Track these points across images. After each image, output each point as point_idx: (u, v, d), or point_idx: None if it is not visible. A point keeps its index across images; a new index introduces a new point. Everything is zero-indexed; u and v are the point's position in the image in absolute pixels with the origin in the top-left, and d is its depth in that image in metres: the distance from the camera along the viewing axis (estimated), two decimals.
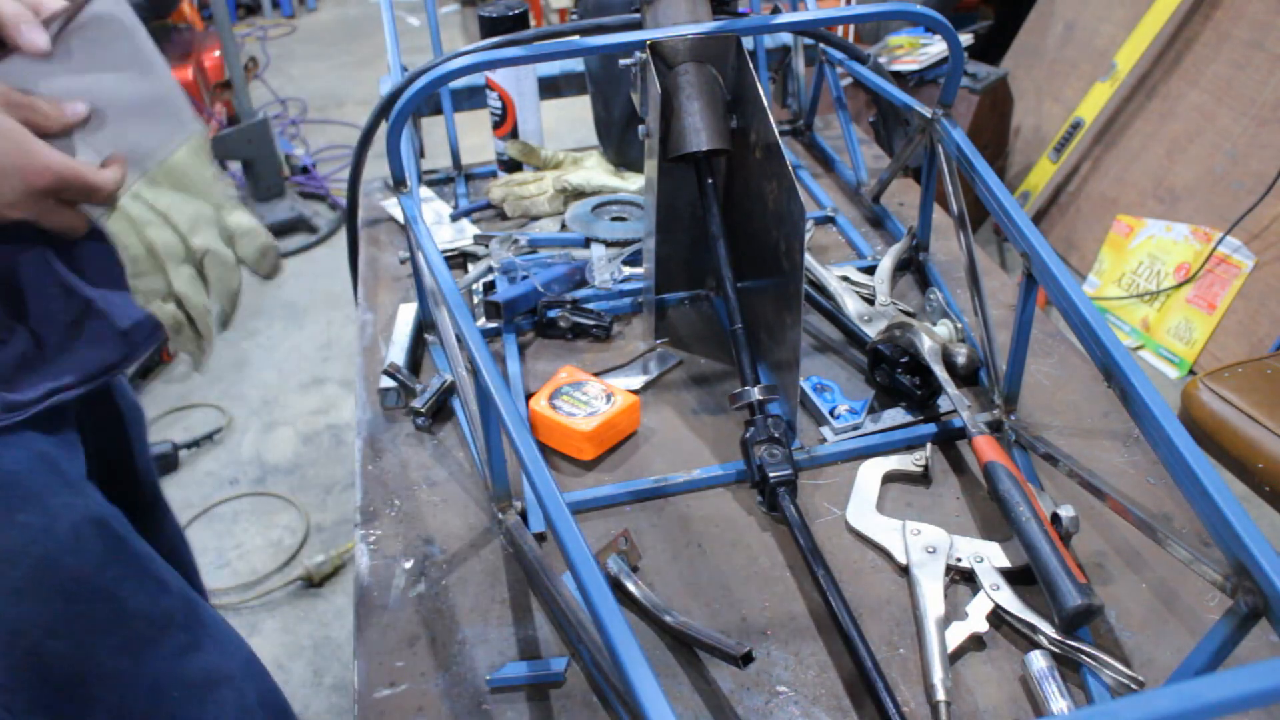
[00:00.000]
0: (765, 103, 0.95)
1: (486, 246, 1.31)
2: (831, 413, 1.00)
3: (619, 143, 1.48)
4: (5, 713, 0.88)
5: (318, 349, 3.03)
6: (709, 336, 1.15)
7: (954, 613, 0.78)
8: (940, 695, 0.71)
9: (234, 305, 0.84)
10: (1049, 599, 0.75)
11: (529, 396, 1.01)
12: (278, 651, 2.05)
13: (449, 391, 1.04)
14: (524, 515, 0.89)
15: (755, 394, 0.91)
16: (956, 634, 0.76)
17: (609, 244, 1.31)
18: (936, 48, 2.93)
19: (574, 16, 1.47)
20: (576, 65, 1.60)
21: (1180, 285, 2.63)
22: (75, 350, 0.86)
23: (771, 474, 0.86)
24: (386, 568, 0.86)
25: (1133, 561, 0.83)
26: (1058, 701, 0.70)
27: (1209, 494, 0.60)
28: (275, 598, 2.18)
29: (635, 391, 1.04)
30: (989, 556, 0.82)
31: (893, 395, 1.01)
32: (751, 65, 0.99)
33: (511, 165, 1.48)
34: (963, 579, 0.82)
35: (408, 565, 0.86)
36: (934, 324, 1.11)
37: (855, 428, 0.98)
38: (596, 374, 1.04)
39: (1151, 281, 2.70)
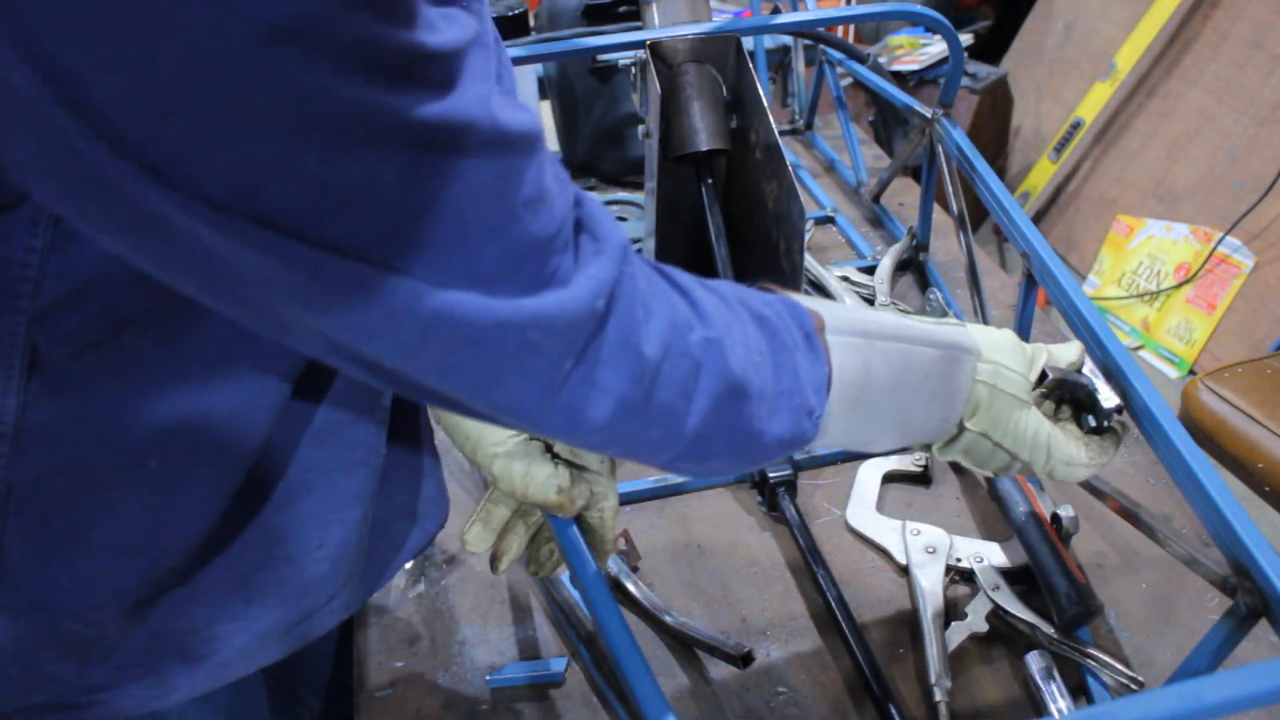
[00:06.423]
0: (765, 103, 0.95)
1: None
2: None
3: (587, 152, 1.47)
4: None
5: None
6: None
7: (954, 613, 0.78)
8: (940, 695, 0.71)
9: None
10: (1049, 599, 0.75)
11: None
12: None
13: None
14: None
15: None
16: (956, 634, 0.76)
17: None
18: (936, 48, 2.93)
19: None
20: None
21: (1180, 285, 2.62)
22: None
23: (771, 474, 0.86)
24: None
25: (1133, 561, 0.83)
26: (1058, 701, 0.70)
27: (1209, 494, 0.60)
28: None
29: None
30: (989, 556, 0.82)
31: None
32: (751, 65, 0.99)
33: None
34: (963, 579, 0.82)
35: (408, 565, 0.86)
36: None
37: None
38: None
39: (1151, 281, 2.70)
